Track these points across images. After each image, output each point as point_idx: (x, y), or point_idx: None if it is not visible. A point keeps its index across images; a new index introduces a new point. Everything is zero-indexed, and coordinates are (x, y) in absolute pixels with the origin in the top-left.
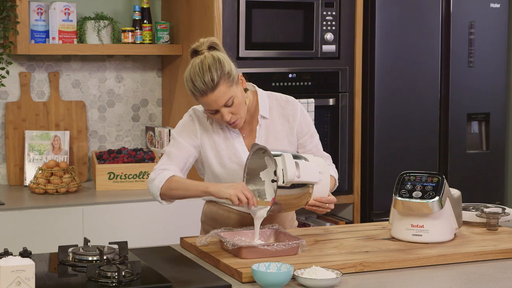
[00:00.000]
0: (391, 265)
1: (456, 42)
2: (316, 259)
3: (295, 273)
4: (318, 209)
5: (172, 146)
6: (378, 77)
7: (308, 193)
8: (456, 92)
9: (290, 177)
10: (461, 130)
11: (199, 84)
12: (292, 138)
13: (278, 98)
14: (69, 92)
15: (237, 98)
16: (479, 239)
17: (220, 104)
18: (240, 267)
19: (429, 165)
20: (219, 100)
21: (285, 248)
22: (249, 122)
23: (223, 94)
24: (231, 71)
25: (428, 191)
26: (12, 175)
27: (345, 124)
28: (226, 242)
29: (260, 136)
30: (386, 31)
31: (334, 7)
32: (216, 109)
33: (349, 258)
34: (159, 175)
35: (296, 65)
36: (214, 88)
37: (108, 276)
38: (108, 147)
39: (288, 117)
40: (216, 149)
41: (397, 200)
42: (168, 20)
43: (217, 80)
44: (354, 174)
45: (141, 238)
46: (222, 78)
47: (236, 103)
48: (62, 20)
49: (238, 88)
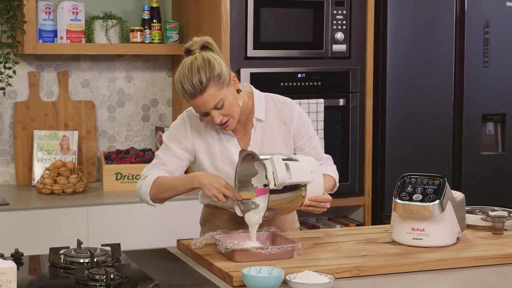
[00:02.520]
0: (388, 269)
1: (471, 42)
2: (311, 263)
3: (287, 277)
4: (314, 209)
5: (162, 151)
6: (390, 77)
7: (301, 195)
8: (471, 92)
9: (281, 179)
10: (476, 131)
11: (188, 87)
12: (288, 141)
13: (275, 99)
14: (78, 92)
15: (228, 100)
16: (483, 243)
17: (209, 107)
18: (232, 270)
19: (442, 167)
20: (208, 103)
21: (279, 251)
22: (244, 124)
23: (213, 97)
24: (221, 73)
25: (428, 194)
26: (21, 175)
27: (356, 125)
28: (220, 245)
29: (255, 139)
30: (398, 30)
31: (344, 6)
32: (206, 111)
33: (345, 262)
34: (145, 181)
35: (306, 65)
36: (203, 91)
37: (96, 279)
38: (118, 147)
39: (285, 120)
40: (210, 152)
41: (397, 203)
42: (178, 19)
43: (206, 83)
44: (365, 176)
45: (146, 239)
46: (212, 80)
47: (226, 105)
48: (70, 19)
49: (229, 90)
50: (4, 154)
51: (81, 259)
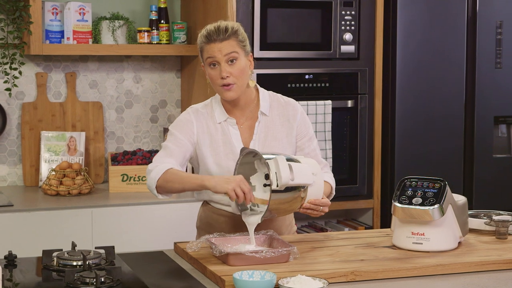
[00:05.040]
0: (385, 274)
1: (483, 42)
2: (307, 267)
3: (279, 282)
4: (312, 212)
5: (170, 141)
6: (400, 78)
7: (300, 197)
8: (483, 94)
9: (284, 180)
10: (488, 133)
11: (211, 28)
12: (291, 138)
13: (279, 98)
14: (86, 93)
15: (241, 62)
16: (485, 248)
17: (223, 53)
18: (226, 274)
19: (453, 170)
20: (224, 48)
21: (274, 255)
22: (248, 117)
23: (230, 47)
24: (245, 40)
25: (428, 198)
26: (28, 176)
27: (365, 127)
28: (214, 248)
29: (258, 133)
30: (408, 30)
31: (353, 6)
32: (218, 60)
33: (342, 266)
34: (156, 167)
35: (313, 66)
36: (224, 39)
37: (87, 282)
38: (126, 148)
39: (289, 117)
40: (213, 147)
41: (397, 207)
42: (186, 20)
43: (230, 33)
44: (374, 178)
45: (151, 241)
46: (236, 35)
47: (237, 65)
48: (77, 20)
49: (245, 60)
50: (11, 155)
51: (74, 262)
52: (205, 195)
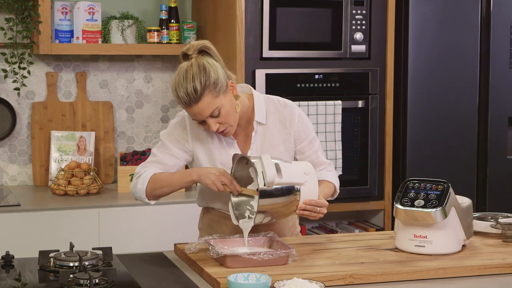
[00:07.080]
0: (384, 277)
1: (497, 42)
2: (305, 270)
3: (275, 285)
4: (310, 214)
5: (158, 149)
6: (411, 79)
7: (296, 199)
8: (497, 94)
9: (269, 178)
10: (502, 134)
11: (182, 95)
12: (289, 144)
13: (275, 102)
14: (96, 93)
15: (225, 108)
16: (489, 251)
17: (205, 115)
18: (222, 276)
19: (466, 171)
20: (203, 111)
21: (272, 257)
22: (245, 127)
23: (208, 106)
24: (217, 80)
25: (431, 200)
26: (38, 175)
27: (375, 127)
28: (211, 249)
29: (255, 142)
30: (420, 30)
31: (364, 5)
32: (202, 119)
33: (341, 269)
34: (140, 178)
35: (324, 66)
36: (198, 100)
37: (81, 284)
38: (136, 148)
39: (285, 122)
40: (209, 154)
41: (398, 209)
42: (197, 20)
43: (201, 91)
44: (385, 179)
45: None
46: (207, 89)
47: (223, 113)
48: (86, 19)
49: (226, 97)
50: (21, 154)
51: (70, 263)
52: (205, 204)
